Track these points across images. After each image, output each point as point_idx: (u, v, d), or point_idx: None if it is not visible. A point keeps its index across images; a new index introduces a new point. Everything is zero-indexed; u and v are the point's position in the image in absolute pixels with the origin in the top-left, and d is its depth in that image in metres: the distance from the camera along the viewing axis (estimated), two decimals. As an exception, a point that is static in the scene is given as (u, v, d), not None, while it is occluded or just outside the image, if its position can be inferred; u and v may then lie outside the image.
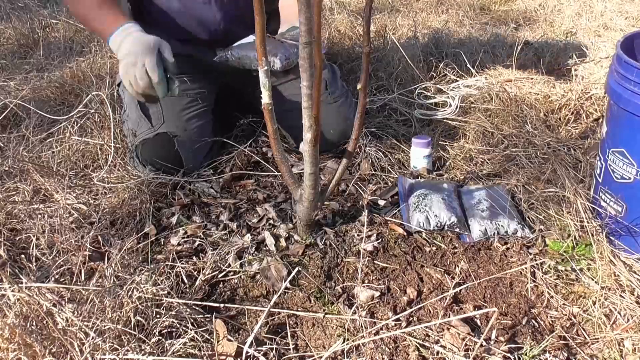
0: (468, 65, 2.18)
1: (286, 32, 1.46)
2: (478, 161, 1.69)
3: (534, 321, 1.15)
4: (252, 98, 1.43)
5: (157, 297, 1.10)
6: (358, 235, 1.35)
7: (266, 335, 1.09)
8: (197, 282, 1.20)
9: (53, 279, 1.15)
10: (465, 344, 1.07)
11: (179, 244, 1.33)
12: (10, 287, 0.99)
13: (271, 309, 1.14)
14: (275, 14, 1.67)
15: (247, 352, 1.00)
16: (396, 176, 1.61)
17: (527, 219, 1.42)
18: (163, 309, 1.09)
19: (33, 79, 2.12)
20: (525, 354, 1.06)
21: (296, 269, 1.23)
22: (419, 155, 1.64)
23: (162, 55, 1.39)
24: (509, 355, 1.05)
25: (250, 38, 1.44)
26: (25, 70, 2.26)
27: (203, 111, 1.65)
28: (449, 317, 1.13)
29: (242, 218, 1.43)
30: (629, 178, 1.24)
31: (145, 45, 1.36)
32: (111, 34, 1.42)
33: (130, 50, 1.37)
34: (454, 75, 2.13)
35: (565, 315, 1.17)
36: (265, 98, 1.08)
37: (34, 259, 1.22)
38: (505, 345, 1.07)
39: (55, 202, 1.41)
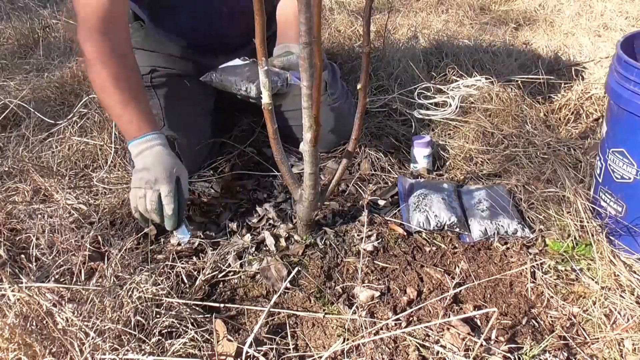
0: (468, 65, 2.18)
1: (276, 57, 1.44)
2: (478, 161, 1.69)
3: (534, 321, 1.15)
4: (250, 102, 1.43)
5: (157, 297, 1.10)
6: (358, 235, 1.35)
7: (266, 335, 1.09)
8: (197, 282, 1.20)
9: (53, 279, 1.16)
10: (465, 344, 1.07)
11: (178, 244, 1.33)
12: (10, 287, 0.99)
13: (271, 309, 1.14)
14: (274, 14, 1.67)
15: (247, 352, 0.99)
16: (396, 176, 1.61)
17: (527, 219, 1.42)
18: (163, 309, 1.09)
19: (33, 79, 2.11)
20: (525, 354, 1.06)
21: (296, 269, 1.23)
22: (419, 155, 1.64)
23: (179, 184, 1.30)
24: (509, 355, 1.05)
25: (235, 61, 1.43)
26: (25, 70, 2.25)
27: (203, 113, 1.65)
28: (449, 317, 1.13)
29: (242, 218, 1.43)
30: (629, 178, 1.24)
31: (166, 169, 1.28)
32: (133, 140, 1.33)
33: (148, 168, 1.28)
34: (454, 75, 2.13)
35: (565, 315, 1.17)
36: (265, 98, 1.08)
37: (34, 259, 1.22)
38: (505, 345, 1.07)
39: (55, 202, 1.41)
